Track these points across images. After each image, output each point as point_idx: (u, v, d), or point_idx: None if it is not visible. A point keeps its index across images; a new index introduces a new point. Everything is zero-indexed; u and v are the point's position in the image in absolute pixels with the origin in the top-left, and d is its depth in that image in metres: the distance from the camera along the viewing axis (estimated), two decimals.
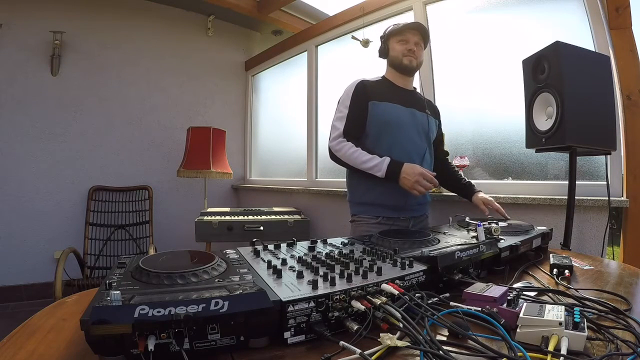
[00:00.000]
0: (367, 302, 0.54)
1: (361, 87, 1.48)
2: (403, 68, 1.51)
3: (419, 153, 1.50)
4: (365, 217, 1.50)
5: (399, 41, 1.49)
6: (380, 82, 1.57)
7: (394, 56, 1.51)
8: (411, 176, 1.30)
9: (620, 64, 1.62)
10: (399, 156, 1.39)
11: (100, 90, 3.18)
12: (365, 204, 1.51)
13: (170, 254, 0.69)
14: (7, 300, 2.78)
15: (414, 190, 1.31)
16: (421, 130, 1.52)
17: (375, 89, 1.49)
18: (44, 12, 2.92)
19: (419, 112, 1.53)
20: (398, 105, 1.48)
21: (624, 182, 1.60)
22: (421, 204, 1.56)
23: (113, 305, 0.42)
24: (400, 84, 1.56)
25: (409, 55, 1.48)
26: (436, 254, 0.70)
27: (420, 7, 2.33)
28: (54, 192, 2.99)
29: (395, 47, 1.50)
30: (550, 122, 1.34)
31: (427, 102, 1.59)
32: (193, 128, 3.15)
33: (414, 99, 1.56)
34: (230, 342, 0.47)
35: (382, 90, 1.50)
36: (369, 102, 1.45)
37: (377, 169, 1.36)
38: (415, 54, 1.48)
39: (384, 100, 1.46)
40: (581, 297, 0.66)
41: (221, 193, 3.87)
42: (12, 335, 0.53)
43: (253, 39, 4.14)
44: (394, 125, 1.45)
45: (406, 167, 1.32)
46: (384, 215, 1.48)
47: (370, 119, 1.46)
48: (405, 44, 1.48)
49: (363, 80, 1.51)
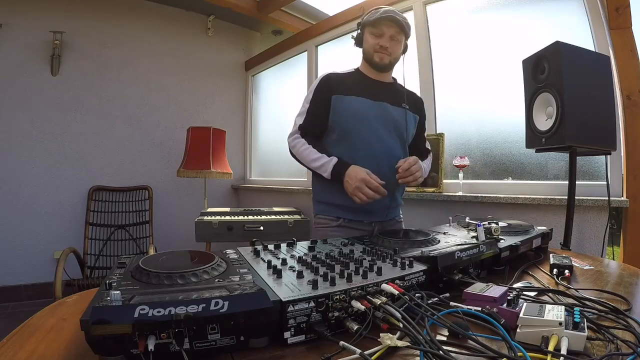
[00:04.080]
0: (367, 302, 0.54)
1: (326, 80, 1.36)
2: (373, 65, 1.36)
3: (386, 152, 1.34)
4: (325, 218, 1.38)
5: (371, 33, 1.32)
6: (352, 74, 1.42)
7: (366, 49, 1.36)
8: (353, 181, 1.18)
9: (620, 64, 1.62)
10: (362, 156, 1.29)
11: (100, 90, 3.18)
12: (326, 204, 1.38)
13: (170, 254, 0.69)
14: (7, 300, 2.78)
15: (354, 197, 1.19)
16: (391, 127, 1.36)
17: (342, 82, 1.35)
18: (44, 12, 2.92)
19: (391, 107, 1.37)
20: (365, 99, 1.34)
21: (624, 182, 1.60)
22: (389, 208, 1.38)
23: (113, 305, 0.42)
24: (374, 76, 1.41)
25: (380, 51, 1.32)
26: (436, 254, 0.70)
27: (420, 7, 2.33)
28: (54, 192, 2.99)
29: (368, 40, 1.34)
30: (550, 122, 1.34)
31: (407, 94, 1.42)
32: (193, 128, 3.15)
33: (389, 92, 1.40)
34: (230, 342, 0.47)
35: (350, 83, 1.36)
36: (332, 97, 1.32)
37: (324, 169, 1.26)
38: (389, 50, 1.32)
39: (349, 94, 1.33)
40: (581, 297, 0.66)
41: (221, 193, 3.87)
42: (12, 335, 0.53)
43: (253, 39, 4.14)
44: (358, 120, 1.32)
45: (350, 170, 1.21)
46: (345, 217, 1.35)
47: (333, 114, 1.33)
48: (377, 38, 1.31)
49: (330, 73, 1.38)
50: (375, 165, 1.26)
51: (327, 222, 1.37)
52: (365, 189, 1.16)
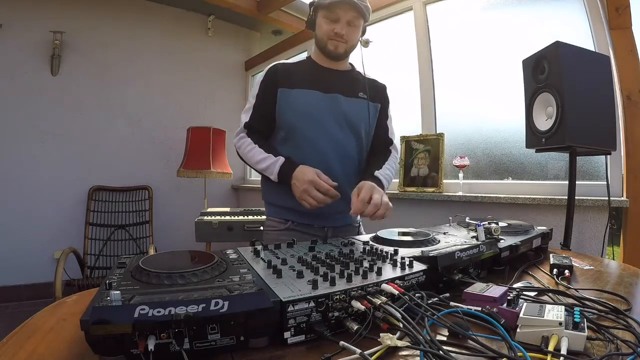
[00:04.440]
0: (367, 302, 0.54)
1: (271, 72, 1.22)
2: (326, 52, 1.22)
3: (338, 151, 1.21)
4: (274, 221, 1.27)
5: (326, 18, 1.17)
6: (302, 64, 1.29)
7: (319, 36, 1.21)
8: (300, 183, 1.04)
9: (620, 64, 1.62)
10: (310, 156, 1.17)
11: (100, 90, 3.18)
12: (275, 206, 1.27)
13: (170, 254, 0.69)
14: (7, 300, 2.79)
15: (302, 201, 1.05)
16: (343, 121, 1.22)
17: (289, 73, 1.22)
18: (44, 12, 2.92)
19: (345, 98, 1.22)
20: (314, 91, 1.20)
21: (624, 182, 1.60)
22: (342, 212, 1.18)
23: (113, 305, 0.42)
24: (328, 64, 1.27)
25: (335, 39, 1.17)
26: (436, 254, 0.70)
27: (420, 7, 2.33)
28: (54, 192, 2.99)
29: (321, 25, 1.18)
30: (550, 122, 1.34)
31: (367, 82, 1.28)
32: (193, 128, 3.15)
33: (344, 81, 1.26)
34: (230, 342, 0.47)
35: (297, 74, 1.22)
36: (278, 90, 1.19)
37: (270, 171, 1.13)
38: (345, 38, 1.17)
39: (296, 87, 1.19)
40: (581, 297, 0.66)
41: (221, 193, 3.87)
42: (12, 335, 0.53)
43: (253, 39, 4.14)
44: (305, 116, 1.18)
45: (298, 171, 1.07)
46: (293, 220, 1.23)
47: (279, 109, 1.20)
48: (332, 24, 1.16)
49: (277, 64, 1.25)
50: (325, 166, 1.15)
51: (275, 225, 1.26)
52: (313, 192, 1.02)
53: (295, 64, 1.28)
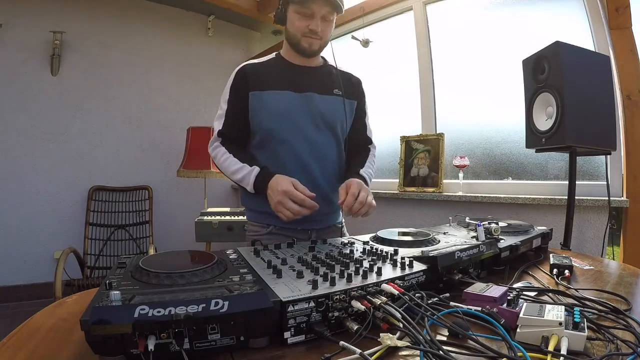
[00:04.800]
0: (367, 302, 0.54)
1: (240, 74, 1.15)
2: (299, 50, 1.15)
3: (315, 152, 1.16)
4: (255, 226, 1.21)
5: (299, 13, 1.09)
6: (271, 62, 1.21)
7: (291, 33, 1.13)
8: (274, 194, 0.97)
9: (620, 64, 1.62)
10: (287, 160, 1.12)
11: (100, 90, 3.18)
12: (255, 211, 1.21)
13: (170, 254, 0.69)
14: (7, 300, 2.78)
15: (278, 213, 0.98)
16: (320, 121, 1.16)
17: (259, 73, 1.15)
18: (44, 12, 2.92)
19: (319, 96, 1.17)
20: (286, 91, 1.14)
21: (624, 182, 1.61)
22: (326, 214, 1.19)
23: (113, 305, 0.43)
24: (299, 61, 1.20)
25: (309, 36, 1.10)
26: (436, 254, 0.70)
27: (420, 7, 2.33)
28: (54, 192, 2.99)
29: (294, 21, 1.10)
30: (550, 122, 1.34)
31: (341, 76, 1.21)
32: (193, 128, 3.15)
33: (317, 78, 1.20)
34: (230, 342, 0.47)
35: (267, 74, 1.16)
36: (249, 93, 1.12)
37: (246, 182, 1.07)
38: (320, 34, 1.10)
39: (267, 88, 1.13)
40: (581, 297, 0.66)
41: (221, 193, 3.87)
42: (12, 335, 0.53)
43: (253, 39, 4.13)
44: (279, 119, 1.12)
45: (272, 181, 1.01)
46: (275, 225, 1.17)
47: (252, 114, 1.13)
48: (307, 20, 1.08)
49: (245, 65, 1.17)
50: (302, 169, 1.12)
51: (257, 230, 1.20)
52: (288, 203, 0.95)
53: (264, 63, 1.20)
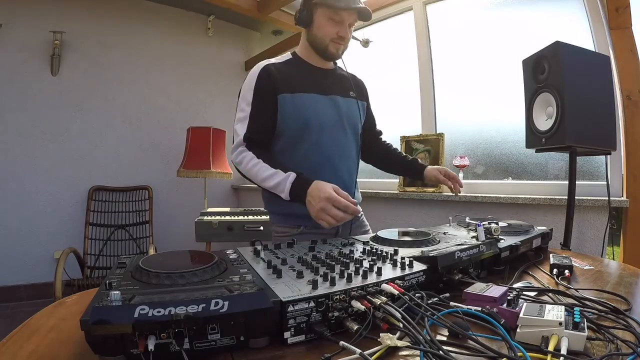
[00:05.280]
0: (367, 302, 0.54)
1: (265, 75, 1.12)
2: (326, 55, 1.17)
3: (343, 153, 1.19)
4: (284, 228, 1.20)
5: (330, 19, 1.10)
6: (291, 63, 1.20)
7: (318, 36, 1.14)
8: (316, 201, 0.93)
9: (620, 64, 1.62)
10: (317, 162, 1.13)
11: (100, 90, 3.18)
12: (283, 215, 1.20)
13: (170, 254, 0.69)
14: (7, 300, 2.78)
15: (320, 221, 0.94)
16: (346, 123, 1.20)
17: (284, 75, 1.14)
18: (44, 12, 2.92)
19: (342, 99, 1.20)
20: (315, 94, 1.14)
21: (624, 182, 1.61)
22: None
23: (113, 305, 0.42)
24: (317, 62, 1.21)
25: (337, 42, 1.13)
26: (436, 254, 0.70)
27: (420, 7, 2.33)
28: (54, 192, 2.99)
29: (322, 25, 1.12)
30: (550, 122, 1.34)
31: (352, 79, 1.26)
32: (193, 128, 3.15)
33: (335, 80, 1.23)
34: (230, 342, 0.47)
35: (293, 76, 1.15)
36: (278, 96, 1.11)
37: (281, 189, 1.02)
38: (345, 40, 1.15)
39: (297, 91, 1.12)
40: (581, 297, 0.66)
41: (221, 193, 3.87)
42: (12, 335, 0.53)
43: (253, 39, 4.13)
44: (311, 122, 1.12)
45: (313, 187, 0.96)
46: (305, 225, 1.16)
47: (281, 117, 1.11)
48: (337, 26, 1.11)
49: (268, 65, 1.14)
50: (332, 170, 1.14)
51: (286, 231, 1.19)
52: (332, 209, 0.92)
53: (286, 64, 1.20)
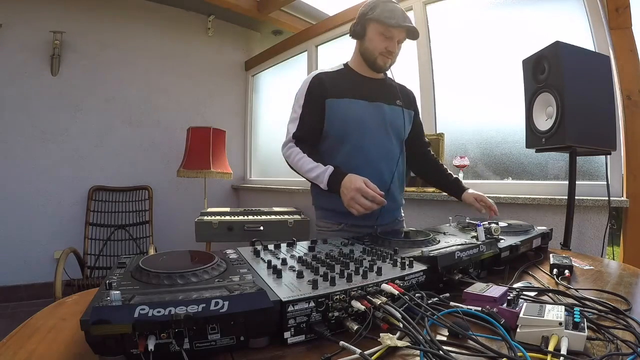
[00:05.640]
0: (367, 302, 0.54)
1: (317, 82, 1.26)
2: (375, 66, 1.29)
3: (386, 156, 1.30)
4: (327, 223, 1.34)
5: (381, 34, 1.23)
6: (342, 72, 1.34)
7: (368, 48, 1.27)
8: (348, 191, 1.08)
9: (620, 64, 1.62)
10: (360, 162, 1.24)
11: (100, 90, 3.18)
12: (327, 210, 1.33)
13: (170, 254, 0.69)
14: (7, 300, 2.78)
15: (350, 208, 1.08)
16: (390, 129, 1.31)
17: (334, 82, 1.27)
18: (44, 12, 2.92)
19: (387, 106, 1.31)
20: (361, 100, 1.27)
21: (624, 182, 1.60)
22: (389, 211, 1.33)
23: (113, 305, 0.42)
24: (367, 73, 1.33)
25: (386, 55, 1.25)
26: (436, 254, 0.70)
27: (420, 7, 2.33)
28: (54, 192, 2.99)
29: (373, 39, 1.24)
30: (550, 122, 1.34)
31: (400, 89, 1.37)
32: (193, 128, 3.15)
33: (382, 89, 1.34)
34: (230, 342, 0.47)
35: (342, 84, 1.28)
36: (326, 100, 1.24)
37: (320, 180, 1.17)
38: (393, 54, 1.27)
39: (344, 96, 1.25)
40: (581, 297, 0.66)
41: (221, 193, 3.87)
42: (12, 335, 0.53)
43: (253, 39, 4.13)
44: (355, 125, 1.25)
45: (346, 179, 1.11)
46: (346, 222, 1.29)
47: (328, 119, 1.25)
48: (386, 41, 1.23)
49: (320, 74, 1.29)
50: (375, 171, 1.23)
51: (328, 227, 1.33)
52: (360, 199, 1.06)
53: (337, 73, 1.33)
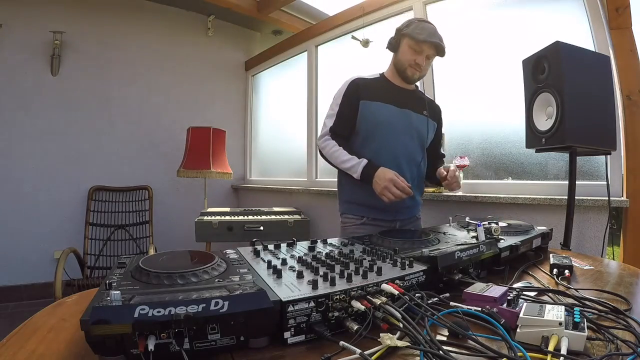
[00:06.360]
0: (367, 302, 0.54)
1: (354, 85, 1.44)
2: (404, 77, 1.46)
3: (409, 157, 1.45)
4: (351, 217, 1.49)
5: (411, 48, 1.39)
6: (377, 79, 1.52)
7: (400, 60, 1.44)
8: (381, 181, 1.27)
9: (620, 64, 1.62)
10: (385, 160, 1.37)
11: (100, 90, 3.18)
12: (351, 203, 1.49)
13: (170, 254, 0.69)
14: (7, 300, 2.78)
15: (382, 196, 1.27)
16: (414, 133, 1.47)
17: (369, 87, 1.45)
18: (44, 12, 2.92)
19: (414, 114, 1.47)
20: (391, 105, 1.43)
21: (624, 182, 1.60)
22: (409, 207, 1.50)
23: (113, 305, 0.42)
24: (399, 83, 1.50)
25: (414, 68, 1.41)
26: (436, 254, 0.70)
27: (420, 7, 2.33)
28: (54, 192, 2.99)
29: (405, 51, 1.41)
30: (550, 122, 1.34)
31: (428, 102, 1.53)
32: (193, 128, 3.15)
33: (412, 99, 1.50)
34: (230, 342, 0.47)
35: (376, 89, 1.45)
36: (360, 102, 1.42)
37: (354, 170, 1.35)
38: (421, 68, 1.41)
39: (376, 100, 1.42)
40: (581, 297, 0.66)
41: (221, 193, 3.87)
42: (12, 335, 0.53)
43: (253, 39, 4.14)
44: (383, 126, 1.41)
45: (379, 171, 1.30)
46: (368, 216, 1.46)
47: (360, 118, 1.42)
48: (416, 55, 1.39)
49: (357, 79, 1.47)
50: (397, 169, 1.34)
51: (352, 221, 1.48)
52: (393, 188, 1.24)
53: (373, 80, 1.50)
